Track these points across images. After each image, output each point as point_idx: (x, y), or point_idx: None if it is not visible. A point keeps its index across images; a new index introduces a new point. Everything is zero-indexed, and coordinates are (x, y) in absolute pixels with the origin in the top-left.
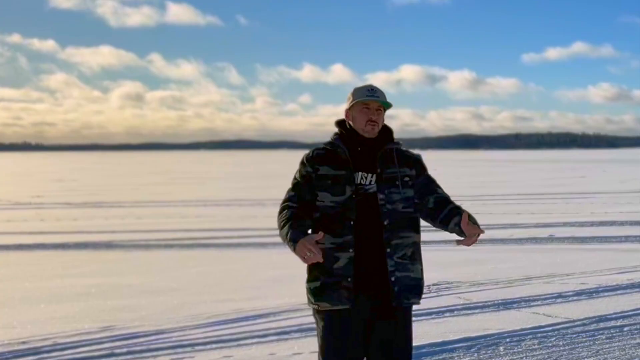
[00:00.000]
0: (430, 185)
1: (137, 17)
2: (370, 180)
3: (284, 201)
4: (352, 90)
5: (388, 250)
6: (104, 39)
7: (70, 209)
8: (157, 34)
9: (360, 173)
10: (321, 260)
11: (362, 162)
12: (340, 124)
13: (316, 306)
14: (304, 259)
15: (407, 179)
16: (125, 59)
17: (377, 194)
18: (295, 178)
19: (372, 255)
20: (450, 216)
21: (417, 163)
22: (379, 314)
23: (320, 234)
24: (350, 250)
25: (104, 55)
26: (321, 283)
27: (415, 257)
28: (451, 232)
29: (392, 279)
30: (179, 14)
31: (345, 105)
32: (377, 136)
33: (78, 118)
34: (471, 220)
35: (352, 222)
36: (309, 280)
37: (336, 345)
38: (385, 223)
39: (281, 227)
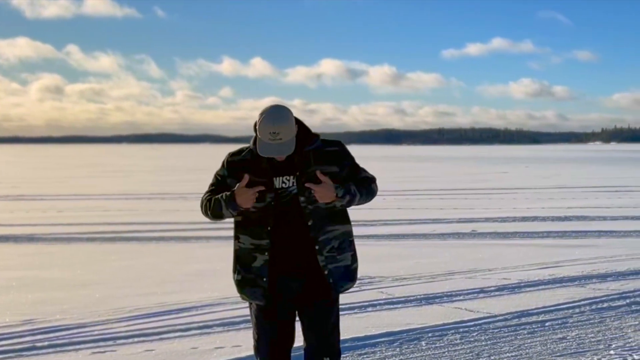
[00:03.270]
0: (353, 174)
1: (54, 8)
2: (293, 182)
3: (204, 194)
4: (260, 112)
5: (317, 247)
6: (20, 30)
7: None
8: (74, 26)
9: (279, 178)
10: (252, 203)
11: (281, 167)
12: None
13: (239, 296)
14: (244, 200)
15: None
16: (42, 50)
17: (298, 196)
18: (214, 178)
19: (291, 257)
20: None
21: (337, 156)
22: (304, 306)
23: (246, 177)
24: (266, 254)
25: (21, 46)
26: (242, 277)
27: (342, 247)
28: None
29: (326, 272)
30: (96, 5)
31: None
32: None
33: None
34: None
35: (269, 228)
36: (233, 271)
37: (264, 333)
38: (310, 223)
39: (209, 204)
